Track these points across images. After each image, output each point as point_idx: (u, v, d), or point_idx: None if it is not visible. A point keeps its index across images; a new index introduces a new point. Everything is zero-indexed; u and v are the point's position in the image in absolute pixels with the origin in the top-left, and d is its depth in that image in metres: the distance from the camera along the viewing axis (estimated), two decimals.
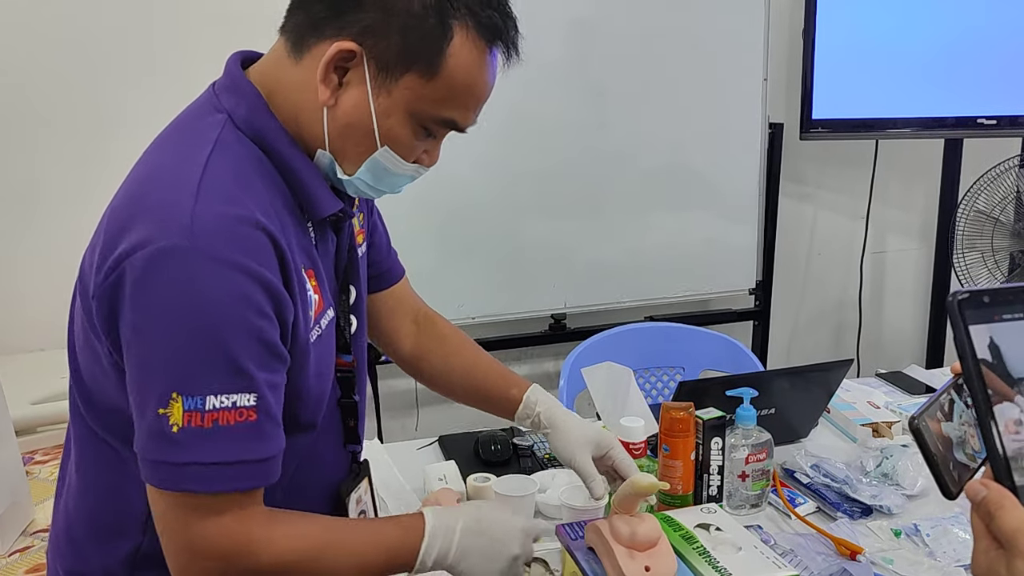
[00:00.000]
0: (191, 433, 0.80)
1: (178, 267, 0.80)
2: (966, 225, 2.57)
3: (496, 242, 2.63)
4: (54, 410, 1.85)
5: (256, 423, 0.83)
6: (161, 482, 0.83)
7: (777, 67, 2.87)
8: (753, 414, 1.41)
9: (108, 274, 0.82)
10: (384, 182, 0.97)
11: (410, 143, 0.95)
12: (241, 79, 0.94)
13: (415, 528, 0.97)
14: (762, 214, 2.90)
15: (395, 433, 2.70)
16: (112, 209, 0.88)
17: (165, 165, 0.89)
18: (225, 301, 0.81)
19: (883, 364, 2.32)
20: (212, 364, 0.81)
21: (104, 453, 0.94)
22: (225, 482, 0.83)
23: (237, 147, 0.90)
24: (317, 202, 0.95)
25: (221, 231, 0.82)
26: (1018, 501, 0.57)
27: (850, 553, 1.27)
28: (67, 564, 1.00)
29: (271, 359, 0.86)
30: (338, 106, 0.91)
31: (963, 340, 0.58)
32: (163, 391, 0.80)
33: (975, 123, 2.68)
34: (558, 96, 2.59)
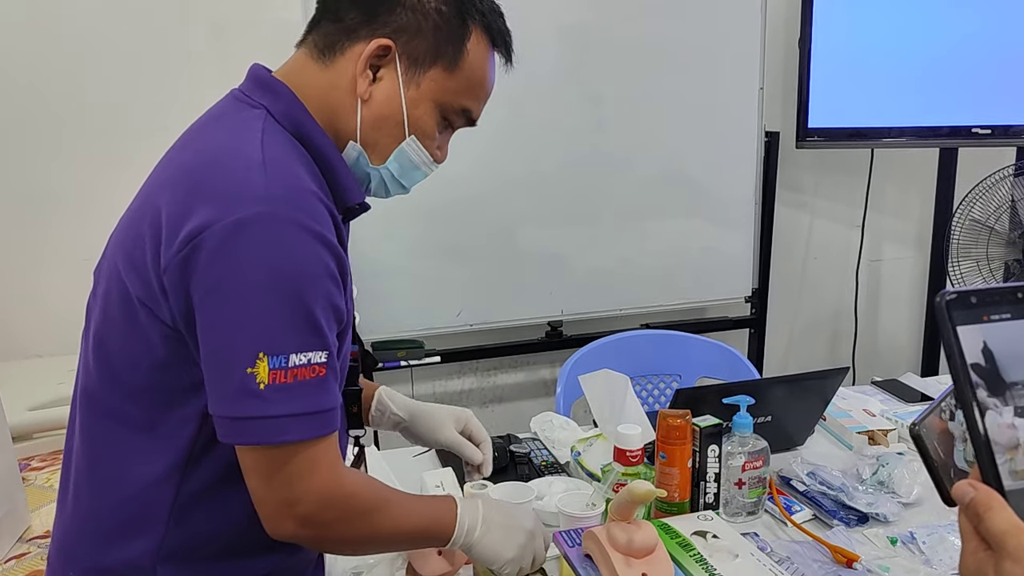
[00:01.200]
0: (276, 389, 0.86)
1: (259, 233, 0.84)
2: (961, 234, 2.58)
3: (493, 249, 2.64)
4: (51, 416, 1.85)
5: (324, 377, 0.89)
6: (249, 437, 0.87)
7: (773, 76, 2.88)
8: (750, 422, 1.42)
9: (181, 248, 0.85)
10: (406, 176, 1.06)
11: (433, 133, 1.05)
12: (272, 80, 1.01)
13: (448, 501, 1.06)
14: (758, 222, 2.90)
15: (392, 440, 2.69)
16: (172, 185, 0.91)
17: (221, 145, 0.93)
18: (307, 264, 0.87)
19: (879, 372, 2.33)
20: (295, 324, 0.86)
21: (129, 444, 0.95)
22: (306, 430, 0.88)
23: (281, 135, 0.96)
24: (348, 190, 1.01)
25: (294, 199, 0.87)
26: (1006, 503, 0.57)
27: (846, 561, 1.27)
28: (82, 564, 0.99)
29: (335, 319, 0.92)
30: (372, 99, 1.01)
31: (951, 341, 0.59)
32: (251, 351, 0.85)
33: (970, 132, 2.70)
34: (555, 104, 2.60)
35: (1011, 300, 0.60)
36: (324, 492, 0.92)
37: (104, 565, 0.98)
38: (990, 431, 0.58)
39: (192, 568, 0.97)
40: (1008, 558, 0.56)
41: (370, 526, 0.99)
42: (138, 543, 0.96)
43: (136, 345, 0.93)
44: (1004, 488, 0.57)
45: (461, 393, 2.92)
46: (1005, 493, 0.57)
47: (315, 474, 0.91)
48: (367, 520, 0.98)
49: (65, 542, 1.02)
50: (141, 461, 0.95)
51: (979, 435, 0.58)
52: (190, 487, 0.95)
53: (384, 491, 1.01)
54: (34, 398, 1.90)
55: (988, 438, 0.58)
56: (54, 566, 1.04)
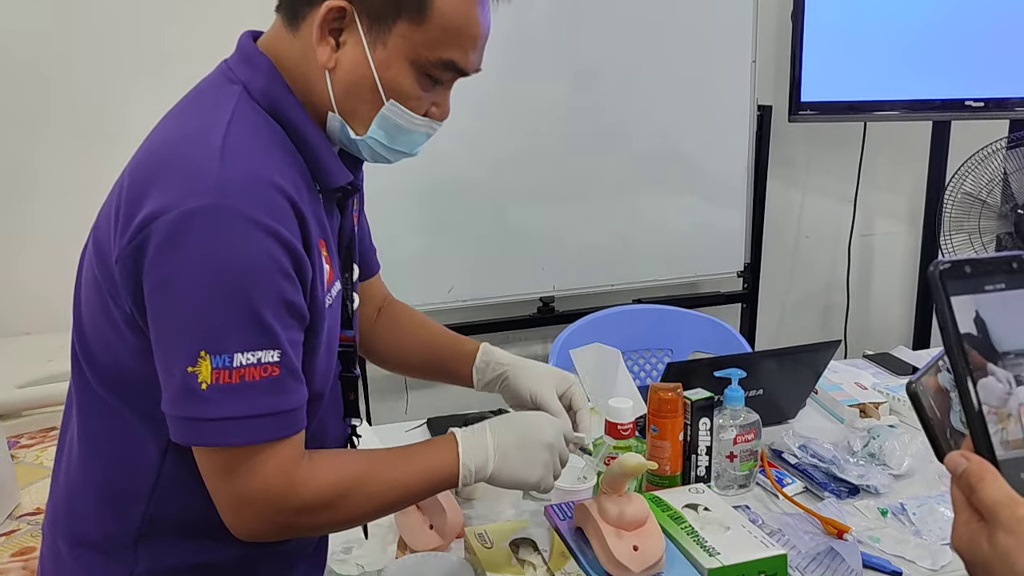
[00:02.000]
0: (219, 390, 0.83)
1: (206, 226, 0.81)
2: (953, 207, 2.58)
3: (484, 225, 2.63)
4: (40, 394, 1.83)
5: (279, 378, 0.86)
6: (193, 438, 0.85)
7: (766, 49, 2.86)
8: (741, 395, 1.42)
9: (132, 238, 0.84)
10: (399, 140, 0.99)
11: (416, 93, 0.96)
12: (255, 52, 0.96)
13: (448, 443, 1.01)
14: (750, 197, 2.89)
15: (384, 416, 2.70)
16: (132, 170, 0.89)
17: (186, 130, 0.90)
18: (252, 260, 0.83)
19: (871, 346, 2.33)
20: (239, 322, 0.83)
21: (111, 420, 0.95)
22: (254, 433, 0.85)
23: (254, 116, 0.92)
24: (329, 172, 0.97)
25: (247, 192, 0.84)
26: (999, 473, 0.57)
27: (837, 532, 1.27)
28: (68, 534, 0.99)
29: (292, 318, 0.88)
30: (338, 67, 0.93)
31: (944, 311, 0.58)
32: (192, 349, 0.82)
33: (963, 105, 2.68)
34: (545, 79, 2.58)
35: (1005, 270, 0.59)
36: (274, 496, 0.89)
37: (88, 538, 0.98)
38: (983, 401, 0.57)
39: (173, 547, 0.97)
40: (1001, 529, 0.55)
41: (344, 512, 0.96)
42: (119, 519, 0.96)
43: (108, 331, 0.92)
44: (997, 458, 0.57)
45: None
46: (998, 463, 0.57)
47: (262, 477, 0.87)
48: (336, 510, 0.94)
49: (56, 512, 1.02)
50: (124, 440, 0.95)
51: (972, 406, 0.57)
52: (171, 468, 0.94)
53: (357, 466, 0.96)
54: (23, 376, 1.89)
55: (981, 409, 0.57)
56: (46, 535, 1.04)
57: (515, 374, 1.22)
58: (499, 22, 1.00)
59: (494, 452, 1.02)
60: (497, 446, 1.02)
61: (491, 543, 1.21)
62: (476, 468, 1.01)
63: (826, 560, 1.23)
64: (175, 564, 0.97)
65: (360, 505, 0.96)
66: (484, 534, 1.23)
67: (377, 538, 1.27)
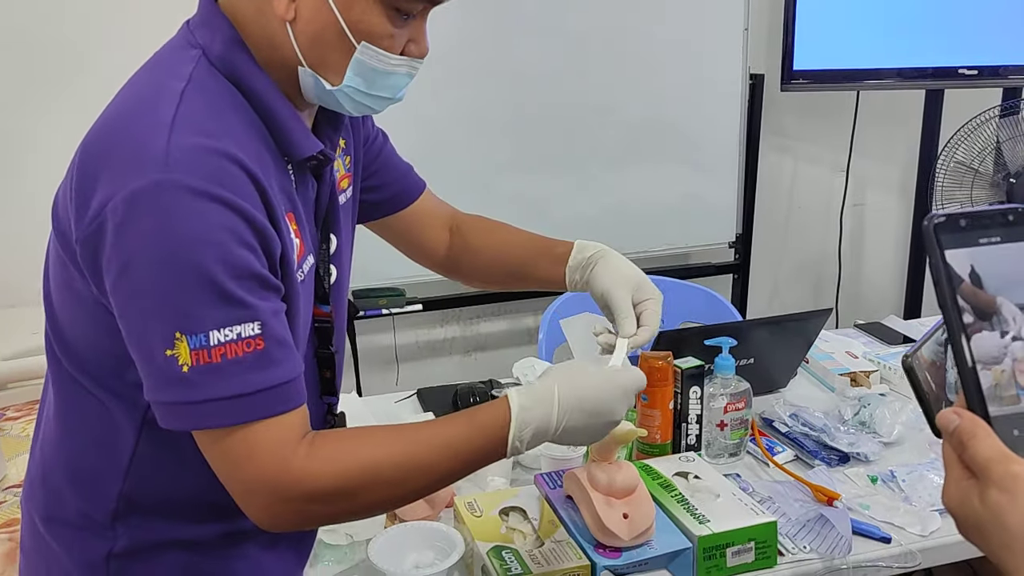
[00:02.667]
0: (201, 371, 0.79)
1: (155, 204, 0.78)
2: (945, 177, 2.57)
3: (473, 196, 2.59)
4: (26, 366, 1.82)
5: (265, 350, 0.82)
6: (182, 423, 0.82)
7: (758, 17, 2.83)
8: (732, 363, 1.41)
9: (90, 222, 0.80)
10: (379, 85, 0.92)
11: (387, 31, 0.89)
12: (214, 14, 0.90)
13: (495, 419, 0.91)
14: (742, 167, 2.88)
15: (374, 387, 2.69)
16: (84, 147, 0.85)
17: (137, 101, 0.86)
18: (206, 233, 0.79)
19: (862, 316, 2.33)
20: (206, 299, 0.79)
21: (84, 399, 0.92)
22: (245, 413, 0.82)
23: (212, 83, 0.87)
24: (295, 143, 0.92)
25: (197, 163, 0.80)
26: (991, 430, 0.56)
27: (827, 499, 1.27)
28: (42, 510, 0.98)
29: (263, 288, 0.84)
30: (298, 16, 0.87)
31: (938, 265, 0.57)
32: (166, 333, 0.79)
33: (956, 73, 2.66)
34: (534, 47, 2.54)
35: (1001, 223, 0.58)
36: (271, 481, 0.84)
37: (63, 515, 0.96)
38: (976, 357, 0.56)
39: (152, 525, 0.94)
40: (993, 486, 0.55)
41: (360, 505, 0.89)
42: (94, 498, 0.93)
43: (75, 309, 0.89)
44: (990, 415, 0.56)
45: (444, 341, 2.91)
46: (990, 420, 0.56)
47: (255, 460, 0.83)
48: (349, 502, 0.88)
49: (31, 488, 1.00)
50: (97, 419, 0.92)
51: (965, 362, 0.56)
52: (147, 448, 0.91)
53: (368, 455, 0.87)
54: (9, 348, 1.88)
55: (975, 365, 0.56)
56: (24, 510, 1.03)
57: (603, 264, 1.15)
58: None
59: (558, 427, 0.92)
60: (561, 427, 0.92)
61: (481, 512, 1.20)
62: (529, 440, 0.91)
63: (816, 527, 1.23)
64: (156, 540, 0.95)
65: (388, 493, 0.89)
66: (474, 503, 1.22)
67: None
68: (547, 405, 0.91)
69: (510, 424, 0.90)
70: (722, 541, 1.13)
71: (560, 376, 0.95)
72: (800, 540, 1.22)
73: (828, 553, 1.19)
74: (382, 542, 1.15)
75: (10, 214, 2.29)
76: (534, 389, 0.93)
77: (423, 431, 0.93)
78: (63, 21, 2.27)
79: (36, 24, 2.25)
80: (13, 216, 2.28)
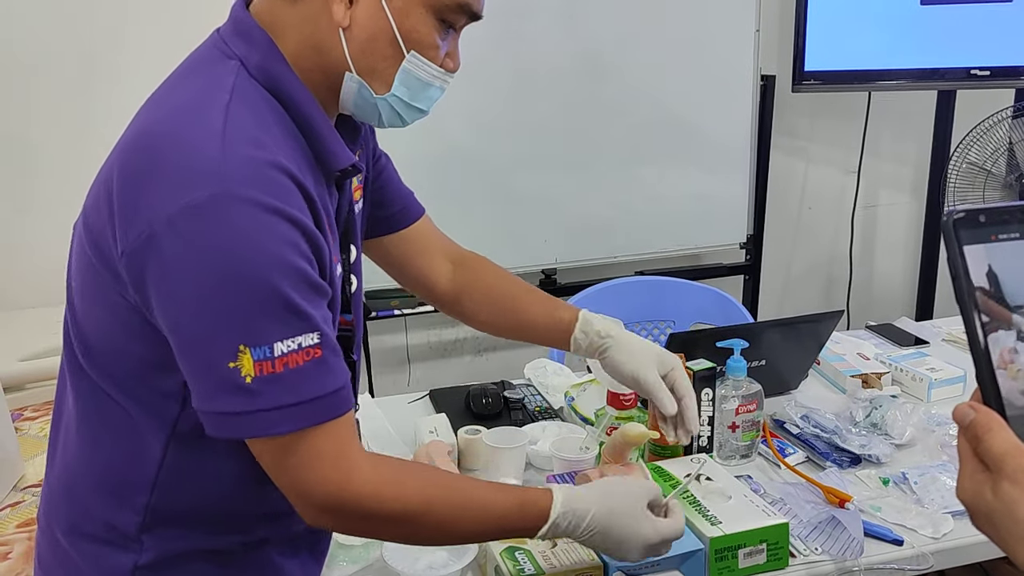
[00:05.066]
0: (264, 380, 0.80)
1: (217, 217, 0.78)
2: (958, 178, 2.56)
3: (486, 197, 2.61)
4: (42, 367, 1.84)
5: (322, 359, 0.84)
6: (240, 432, 0.83)
7: (769, 18, 2.83)
8: (743, 365, 1.41)
9: (140, 233, 0.79)
10: (419, 97, 0.95)
11: (434, 42, 0.93)
12: (251, 25, 0.91)
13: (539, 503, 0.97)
14: (753, 168, 2.88)
15: (387, 388, 2.71)
16: (124, 157, 0.84)
17: (181, 110, 0.85)
18: (269, 246, 0.80)
19: (873, 317, 2.32)
20: (272, 311, 0.80)
21: (110, 409, 0.91)
22: (303, 419, 0.83)
23: (254, 93, 0.88)
24: (333, 154, 0.93)
25: (251, 175, 0.80)
26: (1006, 424, 0.57)
27: (839, 501, 1.27)
28: (65, 523, 0.97)
29: (318, 296, 0.85)
30: (354, 23, 0.89)
31: (956, 260, 0.57)
32: (229, 346, 0.80)
33: (968, 74, 2.66)
34: (546, 48, 2.55)
35: (1020, 219, 0.58)
36: (332, 488, 0.87)
37: (89, 529, 0.95)
38: (993, 352, 0.57)
39: (177, 536, 0.94)
40: (1007, 479, 0.55)
41: (402, 533, 0.95)
42: (121, 510, 0.93)
43: (106, 317, 0.88)
44: (1006, 412, 0.57)
45: (455, 342, 2.92)
46: (1006, 417, 0.57)
47: (317, 467, 0.86)
48: (396, 526, 0.92)
49: (51, 499, 0.99)
50: (122, 428, 0.91)
51: (982, 358, 0.57)
52: (174, 459, 0.91)
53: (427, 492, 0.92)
54: (26, 349, 1.90)
55: (991, 360, 0.57)
56: (41, 522, 1.01)
57: (617, 350, 1.20)
58: None
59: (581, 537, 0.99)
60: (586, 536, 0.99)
61: None
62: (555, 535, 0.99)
63: (828, 529, 1.23)
64: (181, 551, 0.94)
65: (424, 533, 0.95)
66: None
67: None
68: (579, 520, 0.98)
69: (547, 522, 0.97)
70: (734, 542, 1.14)
71: (603, 502, 1.00)
72: (812, 542, 1.22)
73: (840, 555, 1.19)
74: (395, 543, 1.16)
75: (25, 218, 2.31)
76: (576, 500, 0.99)
77: (479, 489, 0.98)
78: (78, 27, 2.28)
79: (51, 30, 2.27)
80: (28, 220, 2.31)
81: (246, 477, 0.93)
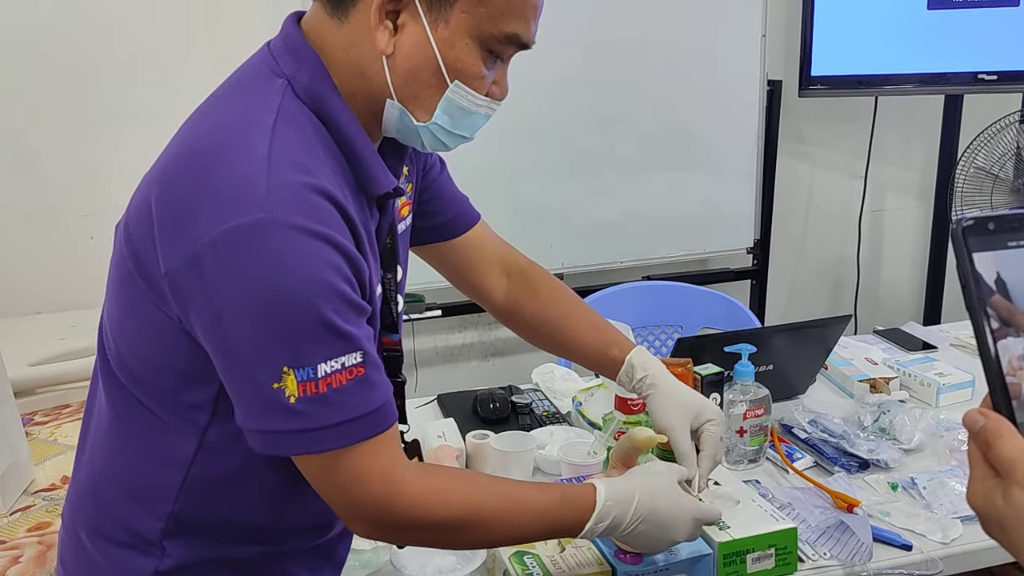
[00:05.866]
0: (309, 401, 0.81)
1: (261, 242, 0.78)
2: (965, 182, 2.56)
3: (492, 203, 2.59)
4: (53, 372, 1.84)
5: (365, 376, 0.85)
6: (286, 449, 0.84)
7: (776, 23, 2.84)
8: (751, 370, 1.41)
9: (184, 253, 0.80)
10: (461, 124, 0.95)
11: (479, 72, 0.91)
12: (302, 43, 0.90)
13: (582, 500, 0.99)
14: (760, 173, 2.88)
15: None
16: (168, 175, 0.84)
17: (228, 130, 0.85)
18: (311, 270, 0.80)
19: (881, 322, 2.32)
20: (315, 334, 0.81)
21: (140, 414, 0.92)
22: (349, 436, 0.84)
23: (299, 115, 0.87)
24: (375, 179, 0.92)
25: (297, 200, 0.80)
26: (1016, 430, 0.57)
27: (847, 506, 1.27)
28: (89, 524, 0.98)
29: (360, 316, 0.86)
30: (397, 52, 0.89)
31: (966, 268, 0.57)
32: (274, 367, 0.80)
33: (975, 78, 2.66)
34: (553, 54, 2.55)
35: None
36: (381, 502, 0.88)
37: (112, 533, 0.95)
38: (1003, 359, 0.57)
39: (201, 545, 0.95)
40: (1017, 485, 0.56)
41: (455, 540, 0.96)
42: (145, 516, 0.93)
43: (136, 325, 0.89)
44: (1016, 418, 0.57)
45: (463, 347, 2.93)
46: (1017, 423, 0.57)
47: (365, 482, 0.87)
48: (449, 534, 0.94)
49: (78, 500, 1.00)
50: (151, 437, 0.92)
51: (992, 364, 0.57)
52: (200, 469, 0.92)
53: (476, 499, 0.94)
54: (36, 354, 1.90)
55: (1001, 367, 0.57)
56: (66, 521, 1.02)
57: (655, 397, 1.20)
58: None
59: (625, 531, 1.01)
60: (629, 530, 1.01)
61: None
62: (601, 532, 1.00)
63: (836, 534, 1.23)
64: (201, 559, 0.95)
65: (476, 538, 0.97)
66: None
67: None
68: (626, 506, 1.00)
69: (593, 512, 0.98)
70: (742, 547, 1.14)
71: (643, 484, 1.03)
72: (820, 547, 1.22)
73: (849, 560, 1.19)
74: (406, 547, 1.16)
75: (36, 224, 2.32)
76: (618, 488, 1.01)
77: (524, 490, 1.00)
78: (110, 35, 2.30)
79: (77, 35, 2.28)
80: (38, 226, 2.32)
81: (271, 489, 0.94)
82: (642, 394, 1.22)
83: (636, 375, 1.22)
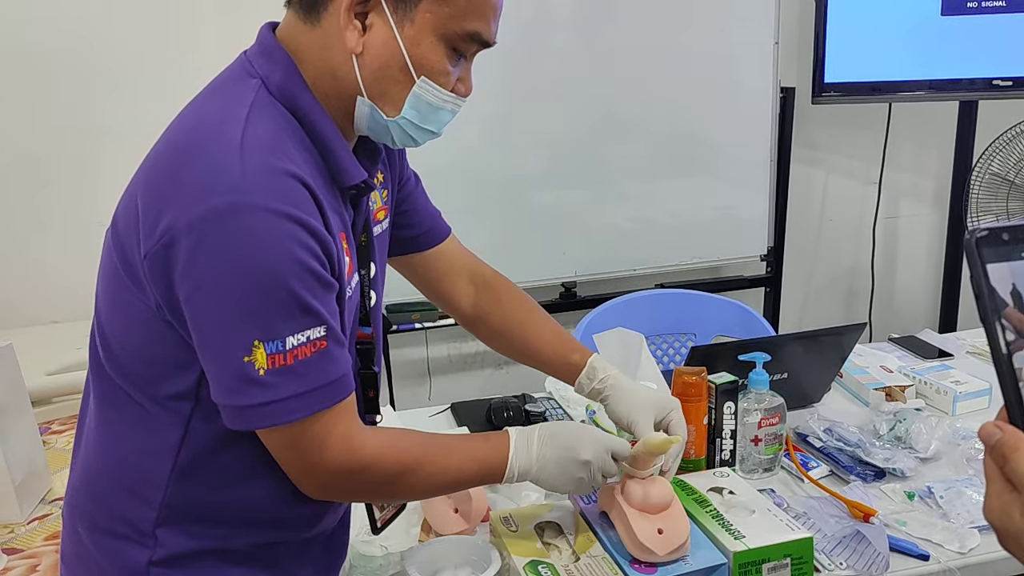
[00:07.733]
0: (276, 373, 0.87)
1: (235, 223, 0.84)
2: (980, 188, 2.54)
3: (505, 210, 2.62)
4: (69, 381, 1.86)
5: (327, 349, 0.90)
6: (256, 422, 0.89)
7: (788, 30, 2.83)
8: (766, 378, 1.41)
9: (160, 238, 0.85)
10: (429, 119, 0.99)
11: (444, 68, 0.97)
12: (275, 46, 0.97)
13: (501, 442, 1.08)
14: (774, 180, 2.87)
15: (408, 401, 2.71)
16: (150, 168, 0.91)
17: (204, 124, 0.91)
18: (282, 248, 0.85)
19: (896, 329, 2.30)
20: (285, 310, 0.86)
21: (128, 405, 0.96)
22: (311, 405, 0.90)
23: (273, 110, 0.93)
24: (344, 171, 0.98)
25: (268, 183, 0.86)
26: None
27: (863, 516, 1.27)
28: (85, 518, 1.01)
29: (327, 292, 0.92)
30: (366, 50, 0.94)
31: (979, 279, 0.56)
32: (245, 342, 0.86)
33: (990, 84, 2.64)
34: (566, 61, 2.56)
35: None
36: (338, 463, 0.94)
37: (106, 524, 0.99)
38: (1019, 371, 0.57)
39: (191, 534, 0.98)
40: None
41: (401, 489, 1.03)
42: (137, 506, 0.97)
43: (128, 320, 0.93)
44: None
45: (476, 355, 2.93)
46: None
47: (326, 447, 0.93)
48: (395, 484, 1.01)
49: (74, 498, 1.03)
50: (139, 428, 0.96)
51: (1007, 377, 0.56)
52: (188, 458, 0.96)
53: (416, 450, 1.02)
54: (52, 363, 1.92)
55: (1017, 379, 0.56)
56: (65, 519, 1.05)
57: (616, 397, 1.26)
58: (520, 5, 1.00)
59: (536, 460, 1.08)
60: (539, 456, 1.08)
61: (516, 526, 1.21)
62: (520, 471, 1.08)
63: (852, 543, 1.23)
64: (195, 549, 0.98)
65: (421, 484, 1.03)
66: (509, 518, 1.23)
67: (401, 521, 1.28)
68: (530, 432, 1.10)
69: (510, 443, 1.08)
70: (758, 557, 1.13)
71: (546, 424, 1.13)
72: (836, 556, 1.21)
73: (865, 570, 1.19)
74: (418, 556, 1.16)
75: (46, 234, 2.34)
76: (526, 428, 1.11)
77: (454, 438, 1.09)
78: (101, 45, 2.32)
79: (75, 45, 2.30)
80: (49, 236, 2.34)
81: (258, 477, 0.98)
82: (603, 394, 1.27)
83: (597, 375, 1.28)
